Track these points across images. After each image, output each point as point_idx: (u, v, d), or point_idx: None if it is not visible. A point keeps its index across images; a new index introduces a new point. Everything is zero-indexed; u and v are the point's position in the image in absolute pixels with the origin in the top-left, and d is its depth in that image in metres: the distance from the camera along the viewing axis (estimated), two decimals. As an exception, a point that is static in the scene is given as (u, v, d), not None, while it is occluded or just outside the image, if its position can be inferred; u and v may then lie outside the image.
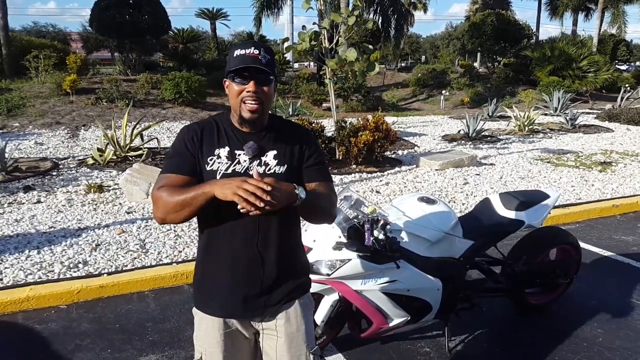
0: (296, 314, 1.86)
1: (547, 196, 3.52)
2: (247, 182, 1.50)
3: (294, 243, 1.89)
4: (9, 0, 18.55)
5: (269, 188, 1.49)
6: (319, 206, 1.77)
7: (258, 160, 1.75)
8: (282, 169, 1.76)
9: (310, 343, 1.89)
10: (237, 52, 1.69)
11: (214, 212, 1.72)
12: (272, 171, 1.74)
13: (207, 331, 1.85)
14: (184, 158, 1.73)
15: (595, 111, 17.34)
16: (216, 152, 1.74)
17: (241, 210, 1.51)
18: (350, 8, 7.78)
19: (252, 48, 1.68)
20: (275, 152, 1.77)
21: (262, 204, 1.48)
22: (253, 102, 1.67)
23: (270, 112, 1.83)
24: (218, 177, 1.71)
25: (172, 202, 1.60)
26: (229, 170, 1.72)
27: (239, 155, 1.74)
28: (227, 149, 1.74)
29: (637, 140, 11.39)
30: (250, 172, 1.72)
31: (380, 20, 21.56)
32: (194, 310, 1.90)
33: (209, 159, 1.73)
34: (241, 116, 1.71)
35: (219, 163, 1.73)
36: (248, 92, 1.67)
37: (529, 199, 3.43)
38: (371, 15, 21.52)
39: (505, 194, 3.52)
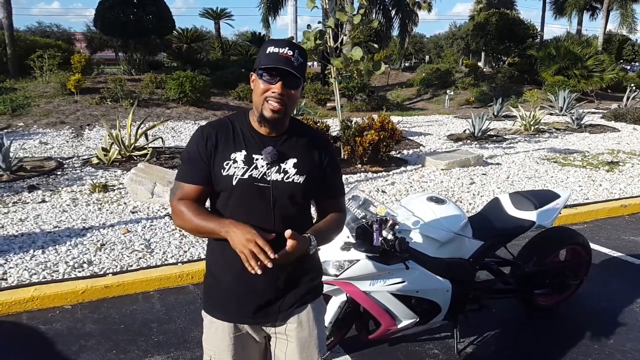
0: (308, 319, 1.83)
1: (557, 196, 3.48)
2: (256, 244, 1.54)
3: None
4: (14, 0, 18.61)
5: (272, 256, 1.54)
6: (329, 240, 1.83)
7: (277, 167, 1.70)
8: (301, 178, 1.72)
9: (322, 349, 1.86)
10: (271, 49, 1.63)
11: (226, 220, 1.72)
12: (290, 180, 1.70)
13: (217, 334, 1.81)
14: (197, 165, 1.71)
15: (601, 111, 17.23)
16: (232, 156, 1.69)
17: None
18: (355, 7, 7.74)
19: (287, 48, 1.62)
20: (295, 160, 1.72)
21: (268, 263, 1.55)
22: (277, 103, 1.63)
23: None
24: (234, 182, 1.67)
25: (191, 224, 1.68)
26: (246, 176, 1.68)
27: (257, 159, 1.69)
28: (243, 152, 1.69)
29: (644, 140, 11.30)
30: (268, 178, 1.69)
31: (384, 20, 21.51)
32: (203, 313, 1.86)
33: (224, 163, 1.69)
34: (262, 115, 1.66)
35: (235, 168, 1.68)
36: (274, 92, 1.62)
37: (539, 199, 3.38)
38: (375, 15, 21.45)
39: (515, 193, 3.47)
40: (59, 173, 7.18)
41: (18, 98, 12.99)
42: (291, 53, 1.61)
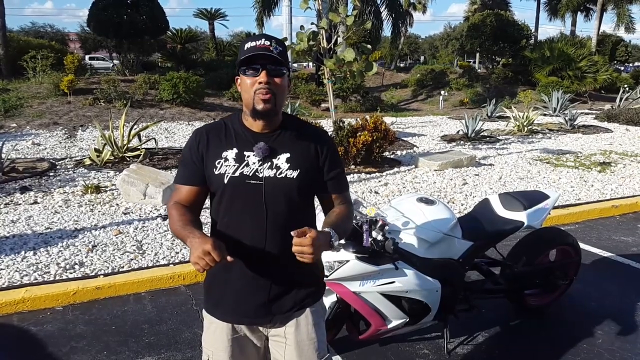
0: (307, 322, 1.82)
1: (546, 197, 3.50)
2: (209, 254, 1.45)
3: None
4: (7, 0, 18.51)
5: (218, 258, 1.44)
6: (346, 231, 1.76)
7: (269, 163, 1.68)
8: (295, 173, 1.68)
9: (321, 352, 1.84)
10: (248, 44, 1.64)
11: (224, 220, 1.72)
12: (283, 175, 1.68)
13: (216, 335, 1.81)
14: (190, 168, 1.73)
15: (594, 111, 17.33)
16: (223, 154, 1.69)
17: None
18: (348, 8, 7.74)
19: (263, 39, 1.63)
20: (288, 155, 1.69)
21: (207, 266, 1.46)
22: (265, 92, 1.61)
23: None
24: (225, 180, 1.67)
25: (173, 229, 1.68)
26: (237, 173, 1.67)
27: (248, 156, 1.68)
28: (234, 150, 1.69)
29: (636, 141, 11.38)
30: (260, 175, 1.67)
31: (377, 21, 21.55)
32: (204, 312, 1.87)
33: (216, 162, 1.69)
34: (255, 109, 1.64)
35: (226, 166, 1.67)
36: (260, 82, 1.61)
37: (528, 200, 3.40)
38: (368, 16, 21.48)
39: (505, 194, 3.49)
40: (51, 174, 7.15)
41: (11, 99, 12.93)
42: (268, 43, 1.62)
